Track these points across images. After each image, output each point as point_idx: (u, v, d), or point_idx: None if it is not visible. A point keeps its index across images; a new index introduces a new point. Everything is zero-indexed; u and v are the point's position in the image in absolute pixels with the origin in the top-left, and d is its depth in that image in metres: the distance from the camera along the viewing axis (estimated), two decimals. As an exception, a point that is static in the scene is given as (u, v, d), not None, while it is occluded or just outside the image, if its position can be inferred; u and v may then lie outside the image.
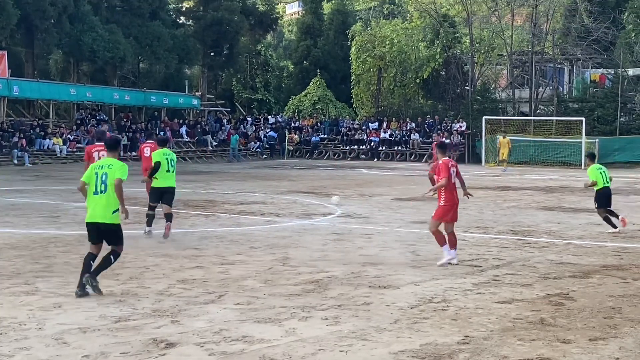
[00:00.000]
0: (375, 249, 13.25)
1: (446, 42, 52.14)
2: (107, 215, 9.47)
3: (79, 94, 46.56)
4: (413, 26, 55.10)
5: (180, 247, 13.06)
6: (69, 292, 9.28)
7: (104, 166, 9.53)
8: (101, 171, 9.48)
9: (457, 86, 53.99)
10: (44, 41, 47.67)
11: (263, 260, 11.81)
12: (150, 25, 51.91)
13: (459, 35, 54.52)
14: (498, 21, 53.45)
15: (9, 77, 42.74)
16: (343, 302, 9.03)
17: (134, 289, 9.60)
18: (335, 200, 21.68)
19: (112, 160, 9.65)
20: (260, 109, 63.48)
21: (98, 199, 9.44)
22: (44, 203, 19.94)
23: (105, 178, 9.43)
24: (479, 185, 28.93)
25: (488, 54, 52.44)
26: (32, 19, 44.66)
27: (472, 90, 51.58)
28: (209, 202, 20.95)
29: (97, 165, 9.62)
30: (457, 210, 12.16)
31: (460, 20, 55.79)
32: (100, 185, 9.44)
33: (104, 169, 9.49)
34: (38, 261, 11.45)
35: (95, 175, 9.49)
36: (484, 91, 50.99)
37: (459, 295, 9.54)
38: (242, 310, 8.55)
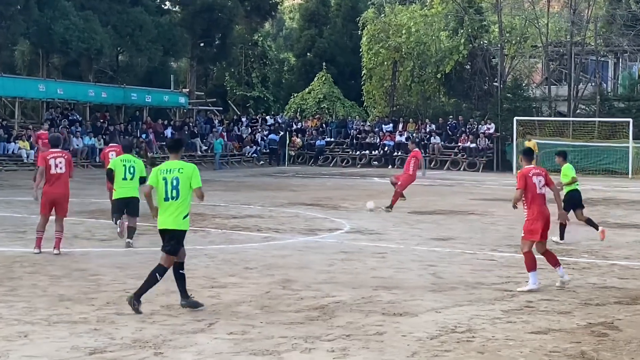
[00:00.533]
0: (390, 270, 13.24)
1: (472, 32, 52.19)
2: (178, 222, 10.12)
3: (49, 90, 46.65)
4: (433, 13, 55.16)
5: (164, 267, 13.05)
6: (36, 320, 9.29)
7: (173, 170, 10.10)
8: (170, 176, 10.07)
9: (484, 82, 54.03)
10: (8, 30, 47.74)
11: (260, 283, 11.80)
12: (131, 12, 52.03)
13: (486, 24, 54.57)
14: (532, 7, 53.49)
15: (-31, 72, 42.96)
16: (352, 331, 9.02)
17: (112, 315, 9.61)
18: (371, 206, 21.87)
19: (180, 164, 10.24)
20: (257, 108, 63.59)
21: (169, 206, 10.07)
22: (8, 216, 19.98)
23: (177, 183, 10.04)
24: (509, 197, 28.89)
25: (520, 45, 52.45)
26: (-5, 4, 44.83)
27: (502, 86, 51.58)
28: (197, 216, 20.94)
29: (165, 169, 10.18)
30: (547, 226, 12.11)
31: (488, 6, 55.80)
32: (172, 192, 10.05)
33: (174, 173, 10.07)
34: (1, 284, 11.47)
35: (164, 181, 10.09)
36: (515, 88, 50.99)
37: (486, 324, 9.52)
38: (236, 341, 8.55)
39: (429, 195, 28.98)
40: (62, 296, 10.65)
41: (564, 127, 46.96)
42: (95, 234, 17.02)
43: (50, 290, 11.06)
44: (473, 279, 12.49)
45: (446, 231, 18.71)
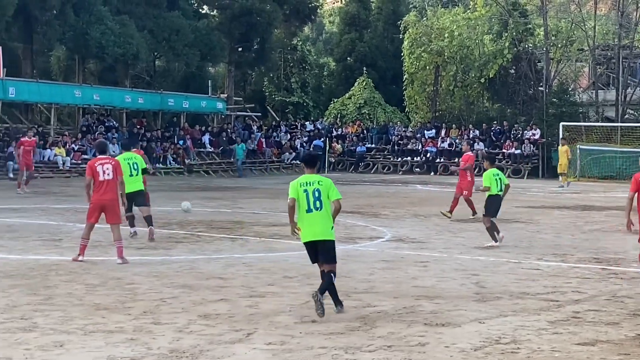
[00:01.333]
0: (432, 279, 13.19)
1: (516, 35, 51.91)
2: (326, 232, 10.63)
3: (85, 96, 47.13)
4: (477, 16, 54.95)
5: (202, 276, 13.12)
6: (72, 329, 9.37)
7: (313, 182, 10.74)
8: (311, 188, 10.69)
9: (529, 87, 53.73)
10: (44, 35, 48.39)
11: (299, 293, 11.81)
12: (168, 16, 52.43)
13: (531, 27, 54.26)
14: (578, 9, 53.14)
15: (4, 77, 43.43)
16: (394, 342, 9.00)
17: (148, 325, 9.66)
18: (186, 207, 22.47)
19: (317, 177, 10.87)
20: (297, 113, 63.74)
21: (313, 217, 10.60)
22: (44, 224, 20.19)
23: (319, 195, 10.64)
24: (555, 204, 28.76)
25: (566, 48, 52.11)
26: (31, 9, 45.39)
27: (547, 91, 51.28)
28: (235, 224, 21.06)
29: (303, 182, 10.76)
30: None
31: (533, 9, 55.58)
32: (315, 203, 10.60)
33: (314, 185, 10.71)
34: (36, 292, 11.57)
35: (305, 193, 10.65)
36: (561, 92, 50.65)
37: (531, 335, 9.45)
38: (275, 351, 8.56)
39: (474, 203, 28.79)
40: (98, 305, 10.73)
41: (611, 132, 46.55)
42: (132, 242, 17.13)
43: (86, 299, 11.15)
44: (518, 288, 12.40)
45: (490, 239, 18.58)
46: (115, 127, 47.68)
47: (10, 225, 19.80)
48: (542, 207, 27.41)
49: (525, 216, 24.21)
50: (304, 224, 10.66)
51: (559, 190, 36.70)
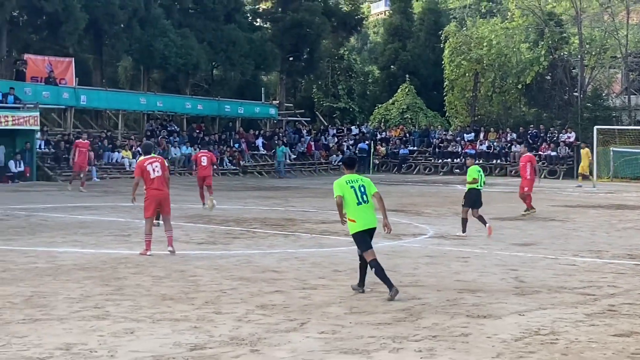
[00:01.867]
0: (473, 273, 13.13)
1: (552, 43, 51.44)
2: (375, 220, 11.44)
3: (149, 103, 47.68)
4: (514, 26, 54.52)
5: (258, 269, 13.20)
6: (141, 317, 9.48)
7: (357, 180, 11.52)
8: (357, 184, 11.44)
9: (565, 92, 53.20)
10: (113, 47, 48.98)
11: (348, 285, 11.82)
12: (225, 29, 52.75)
13: (566, 36, 53.72)
14: (611, 19, 52.48)
15: (77, 86, 44.05)
16: (438, 332, 8.98)
17: (210, 314, 9.74)
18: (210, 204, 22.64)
19: (358, 176, 11.66)
20: (343, 118, 63.73)
21: (364, 208, 11.31)
22: (114, 221, 20.43)
23: (365, 190, 11.40)
24: (590, 204, 28.43)
25: (600, 56, 51.48)
26: (101, 23, 45.93)
27: (582, 96, 50.72)
28: (288, 221, 21.12)
29: (349, 180, 11.47)
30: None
31: (568, 19, 54.98)
32: (362, 197, 11.34)
33: (359, 182, 11.49)
34: (108, 283, 11.73)
35: (352, 189, 11.36)
36: (595, 98, 50.07)
37: (569, 326, 9.37)
38: (327, 340, 8.57)
39: (511, 202, 28.59)
40: (165, 295, 10.84)
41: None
42: (193, 238, 17.28)
43: (153, 289, 11.27)
44: (555, 283, 12.30)
45: (528, 237, 18.46)
46: (176, 131, 48.07)
47: (83, 222, 20.07)
48: (578, 206, 27.12)
49: (561, 215, 23.97)
50: (359, 215, 11.27)
51: (584, 189, 36.25)
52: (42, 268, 13.02)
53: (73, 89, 43.43)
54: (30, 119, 37.47)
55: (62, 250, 15.10)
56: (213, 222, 20.40)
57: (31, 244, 15.99)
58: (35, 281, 11.81)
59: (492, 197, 31.32)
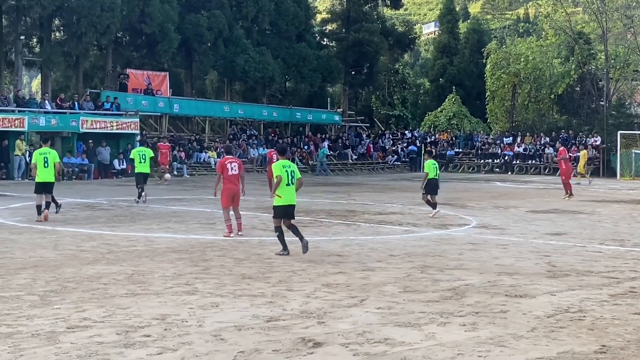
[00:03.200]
0: (511, 259, 12.97)
1: (581, 59, 50.53)
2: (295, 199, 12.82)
3: (232, 111, 48.11)
4: (548, 44, 53.72)
5: (324, 253, 13.22)
6: (224, 293, 9.58)
7: (291, 165, 12.84)
8: (290, 169, 12.70)
9: (592, 101, 52.20)
10: (201, 63, 49.50)
11: (402, 268, 11.78)
12: (297, 47, 52.92)
13: (594, 52, 52.69)
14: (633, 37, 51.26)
15: (170, 96, 44.68)
16: (480, 309, 8.90)
17: (283, 291, 9.79)
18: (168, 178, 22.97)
19: (289, 162, 13.07)
20: (398, 124, 63.44)
21: (289, 189, 12.67)
22: (201, 211, 20.65)
23: (293, 175, 12.71)
24: (614, 199, 27.84)
25: (623, 69, 50.38)
26: (191, 42, 46.47)
27: (607, 105, 49.71)
28: (350, 212, 21.12)
29: (285, 165, 12.73)
30: None
31: (595, 37, 53.90)
32: (291, 179, 12.66)
33: (291, 167, 12.79)
34: (197, 264, 11.86)
35: (286, 172, 12.61)
36: (619, 106, 49.02)
37: (595, 305, 9.21)
38: (383, 314, 8.57)
39: (544, 197, 28.19)
40: (244, 275, 10.92)
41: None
42: (269, 226, 17.31)
43: (235, 270, 11.37)
44: (583, 267, 12.08)
45: (559, 227, 18.16)
46: (254, 135, 48.42)
47: (175, 212, 20.34)
48: (603, 201, 26.57)
49: (588, 208, 23.53)
50: (285, 193, 12.65)
51: (581, 186, 35.39)
52: (140, 250, 13.24)
53: (167, 99, 44.06)
54: (131, 124, 38.16)
55: (157, 235, 15.34)
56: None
57: (132, 230, 16.27)
58: (135, 261, 12.01)
59: (528, 193, 30.90)
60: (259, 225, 17.47)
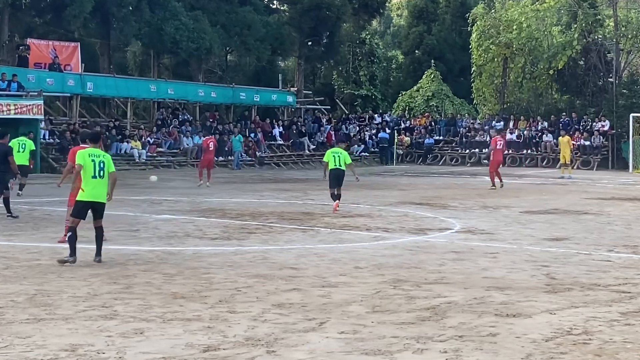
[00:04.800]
0: (502, 270, 13.09)
1: (585, 26, 51.16)
2: (104, 196, 13.20)
3: (160, 90, 47.80)
4: (545, 8, 54.25)
5: (274, 266, 13.21)
6: (151, 317, 9.52)
7: (100, 155, 13.13)
8: (98, 159, 13.00)
9: (599, 78, 52.94)
10: (121, 31, 49.06)
11: (370, 283, 11.82)
12: (240, 11, 52.73)
13: (600, 18, 53.42)
14: (649, -1, 52.15)
15: (82, 72, 44.23)
16: (465, 332, 8.96)
17: (224, 313, 9.76)
18: (154, 179, 23.16)
19: (100, 151, 13.30)
20: (365, 106, 63.68)
21: (97, 182, 12.96)
22: (122, 215, 20.46)
23: (103, 166, 13.00)
24: (625, 196, 28.30)
25: (636, 39, 51.14)
26: (108, 6, 46.04)
27: (617, 82, 50.44)
28: (306, 215, 21.14)
29: (91, 154, 13.04)
30: None
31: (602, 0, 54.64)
32: (99, 172, 12.92)
33: (100, 157, 13.07)
34: (116, 281, 11.77)
35: (92, 162, 12.92)
36: (631, 83, 49.81)
37: (603, 326, 9.33)
38: (347, 340, 8.58)
39: (542, 195, 28.53)
40: (176, 294, 10.86)
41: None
42: (207, 233, 17.31)
43: (164, 287, 11.30)
44: (588, 280, 12.24)
45: (560, 231, 18.39)
46: (189, 120, 48.18)
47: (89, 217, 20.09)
48: (613, 199, 26.99)
49: (595, 208, 23.87)
50: (89, 187, 12.89)
51: (562, 180, 36.08)
52: (46, 265, 13.08)
53: (79, 76, 43.61)
54: (33, 107, 37.66)
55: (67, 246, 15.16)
56: (227, 217, 20.44)
57: (35, 239, 16.08)
58: (39, 279, 11.87)
59: (523, 189, 31.25)
60: (195, 232, 17.40)
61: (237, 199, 25.22)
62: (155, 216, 20.23)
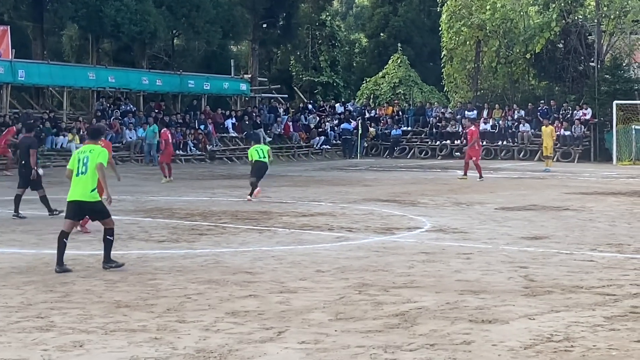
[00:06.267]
0: (477, 272, 13.17)
1: (564, 6, 51.56)
2: (87, 194, 13.32)
3: (99, 78, 47.42)
4: (521, -14, 54.64)
5: (228, 270, 13.19)
6: (92, 328, 9.47)
7: (85, 151, 13.42)
8: (83, 155, 13.34)
9: (580, 62, 53.36)
10: (55, 13, 48.63)
11: (333, 288, 11.84)
12: (188, -9, 52.52)
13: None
14: (633, -24, 52.61)
15: (13, 59, 43.76)
16: (436, 340, 9.01)
17: (173, 323, 9.73)
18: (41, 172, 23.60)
19: (92, 146, 13.57)
20: (326, 94, 63.77)
21: (79, 180, 13.25)
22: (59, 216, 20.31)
23: (87, 161, 13.23)
24: (609, 190, 28.58)
25: (619, 20, 51.55)
26: (42, -15, 45.64)
27: (599, 67, 50.89)
28: (262, 214, 21.12)
29: (80, 151, 13.53)
30: None
31: (583, -23, 55.15)
32: (81, 167, 13.23)
33: (85, 153, 13.36)
34: (53, 289, 11.69)
35: (78, 161, 13.31)
36: (614, 68, 50.25)
37: (586, 332, 9.42)
38: (308, 351, 8.59)
39: (519, 189, 28.74)
40: (119, 302, 10.81)
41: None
42: (153, 235, 17.24)
43: (105, 295, 11.24)
44: (570, 282, 12.35)
45: (539, 229, 18.53)
46: (132, 111, 47.87)
47: (22, 218, 19.97)
48: (595, 194, 27.25)
49: (576, 203, 24.08)
50: (72, 185, 13.45)
51: (544, 174, 36.47)
52: (-24, 272, 12.96)
53: (9, 62, 43.12)
54: (-41, 98, 37.24)
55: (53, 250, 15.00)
56: (176, 217, 20.37)
57: (-37, 243, 15.92)
58: (-32, 287, 11.77)
59: (499, 183, 31.47)
60: (140, 234, 17.32)
61: (186, 197, 25.12)
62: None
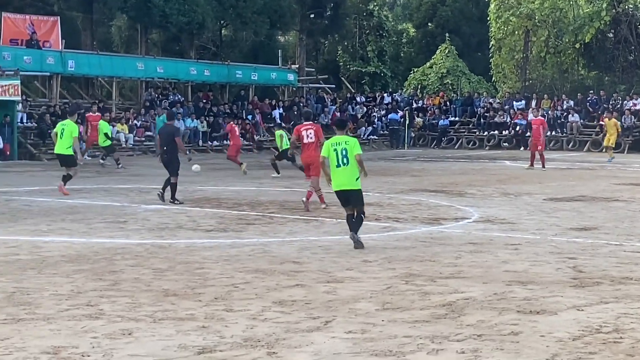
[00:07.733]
0: (525, 263, 13.09)
1: (615, -5, 51.03)
2: (353, 183, 14.27)
3: (148, 69, 47.69)
4: (571, -26, 54.21)
5: (275, 260, 13.21)
6: (140, 316, 9.51)
7: (341, 143, 14.28)
8: (340, 147, 14.20)
9: (630, 52, 52.83)
10: (104, 4, 49.01)
11: (380, 278, 11.82)
12: (235, -20, 52.62)
13: (632, -15, 53.32)
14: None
15: (63, 50, 44.15)
16: (484, 331, 8.96)
17: (220, 312, 9.75)
18: (196, 169, 24.78)
19: (345, 137, 14.56)
20: (373, 85, 63.60)
21: (342, 171, 14.23)
22: (108, 205, 20.48)
23: (346, 153, 14.14)
24: (660, 181, 28.24)
25: (671, 9, 51.05)
26: (91, -24, 45.96)
27: (650, 56, 50.33)
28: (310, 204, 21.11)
29: (334, 143, 14.33)
30: None
31: (633, -35, 54.56)
32: (342, 159, 14.17)
33: (342, 145, 14.22)
34: (102, 277, 11.76)
35: (335, 152, 14.20)
36: (665, 58, 49.70)
37: (635, 323, 9.32)
38: (355, 341, 8.57)
39: (568, 180, 28.51)
40: (167, 291, 10.85)
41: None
42: (201, 224, 17.31)
43: (154, 284, 11.29)
44: (619, 273, 12.24)
45: (588, 220, 18.37)
46: (180, 101, 48.04)
47: (72, 207, 20.13)
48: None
49: (626, 194, 23.84)
50: (335, 176, 14.31)
51: (590, 165, 36.16)
52: (25, 260, 13.07)
53: (59, 53, 43.55)
54: (9, 88, 37.62)
55: (47, 239, 15.18)
56: (223, 206, 20.44)
57: (12, 232, 16.06)
58: (18, 275, 11.86)
59: (546, 175, 31.21)
60: (188, 223, 17.40)
61: (234, 187, 25.19)
62: (145, 206, 20.23)
